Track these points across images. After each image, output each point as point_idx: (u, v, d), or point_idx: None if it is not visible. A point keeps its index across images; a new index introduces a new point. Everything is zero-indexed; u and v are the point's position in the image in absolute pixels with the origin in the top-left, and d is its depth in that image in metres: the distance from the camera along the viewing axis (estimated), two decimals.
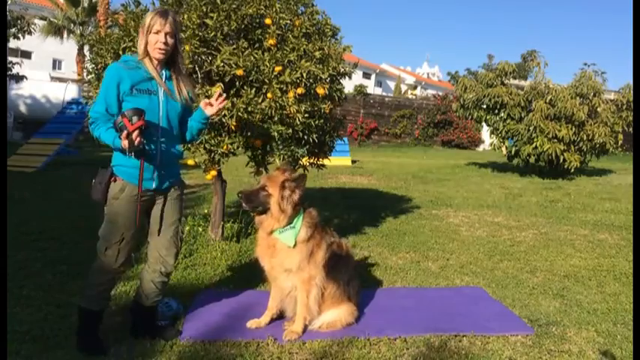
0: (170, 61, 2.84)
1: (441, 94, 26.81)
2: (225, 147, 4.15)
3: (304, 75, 4.10)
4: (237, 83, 4.16)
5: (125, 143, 2.53)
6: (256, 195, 3.03)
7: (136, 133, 2.52)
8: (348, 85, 10.20)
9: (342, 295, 3.25)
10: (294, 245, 3.04)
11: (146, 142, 2.67)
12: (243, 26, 4.25)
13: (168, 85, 2.83)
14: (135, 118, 2.53)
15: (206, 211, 5.70)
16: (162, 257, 2.92)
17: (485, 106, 13.02)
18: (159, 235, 2.91)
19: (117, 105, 2.69)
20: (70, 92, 18.58)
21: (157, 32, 2.72)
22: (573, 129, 11.80)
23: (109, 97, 2.68)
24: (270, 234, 3.08)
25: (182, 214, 3.05)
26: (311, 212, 3.18)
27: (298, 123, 4.13)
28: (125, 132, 2.51)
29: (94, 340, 2.84)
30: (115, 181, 2.73)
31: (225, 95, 2.93)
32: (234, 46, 4.13)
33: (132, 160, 2.69)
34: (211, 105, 2.88)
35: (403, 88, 38.05)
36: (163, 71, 2.83)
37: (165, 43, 2.74)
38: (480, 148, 24.20)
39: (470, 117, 13.50)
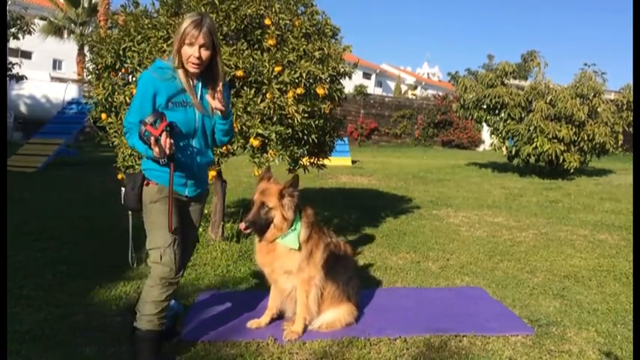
0: (206, 71, 2.64)
1: (441, 94, 26.80)
2: (224, 147, 4.15)
3: (304, 75, 4.10)
4: (237, 84, 4.16)
5: (156, 150, 2.42)
6: (258, 215, 2.97)
7: (163, 136, 2.41)
8: (348, 85, 10.20)
9: (341, 295, 3.24)
10: (299, 248, 3.04)
11: (182, 155, 2.60)
12: (242, 27, 4.26)
13: (201, 99, 2.67)
14: (157, 122, 2.41)
15: (206, 211, 5.70)
16: None
17: (485, 107, 13.02)
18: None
19: None
20: (70, 92, 18.59)
21: (191, 44, 2.52)
22: (573, 129, 11.80)
23: (144, 109, 2.53)
24: (273, 241, 3.07)
25: (200, 223, 3.01)
26: (307, 211, 3.17)
27: (297, 123, 4.13)
28: (153, 138, 2.40)
29: None
30: (147, 185, 2.62)
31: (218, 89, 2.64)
32: (234, 47, 4.14)
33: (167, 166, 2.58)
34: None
35: (403, 88, 38.03)
36: (198, 83, 2.66)
37: (199, 57, 2.54)
38: (480, 149, 24.21)
39: (470, 117, 13.51)
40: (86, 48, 20.77)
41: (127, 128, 2.62)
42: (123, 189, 2.67)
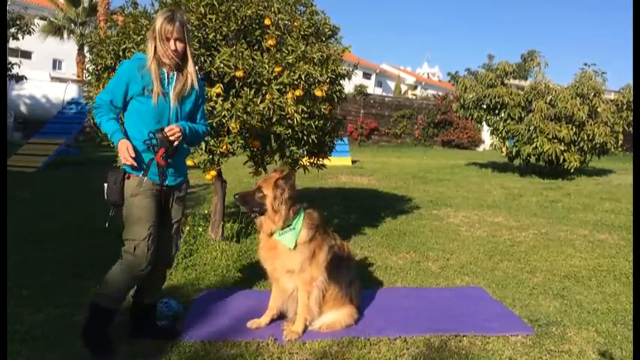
0: (180, 62, 2.82)
1: (441, 94, 26.80)
2: (225, 147, 4.15)
3: (302, 77, 4.10)
4: (237, 84, 4.16)
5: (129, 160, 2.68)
6: (252, 197, 3.06)
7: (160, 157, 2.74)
8: (348, 86, 10.19)
9: (343, 297, 3.25)
10: (295, 247, 3.05)
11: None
12: (242, 27, 4.26)
13: (176, 88, 2.81)
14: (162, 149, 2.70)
15: (206, 211, 5.70)
16: (163, 253, 2.93)
17: (485, 107, 13.02)
18: (161, 231, 2.89)
19: (122, 101, 2.77)
20: (70, 92, 18.57)
21: (167, 39, 2.72)
22: (574, 129, 11.80)
23: (116, 92, 2.75)
24: (271, 236, 3.09)
25: (184, 214, 3.07)
26: (312, 213, 3.18)
27: (297, 123, 4.13)
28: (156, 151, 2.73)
29: (105, 338, 2.83)
30: (129, 178, 2.75)
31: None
32: (234, 48, 4.14)
33: (145, 157, 2.75)
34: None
35: (403, 88, 38.00)
36: (173, 77, 2.81)
37: (176, 50, 2.74)
38: (480, 148, 24.20)
39: (470, 117, 13.51)
40: (86, 48, 20.73)
41: (98, 104, 2.79)
42: (105, 185, 2.76)
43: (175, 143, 2.76)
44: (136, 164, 2.68)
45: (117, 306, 2.87)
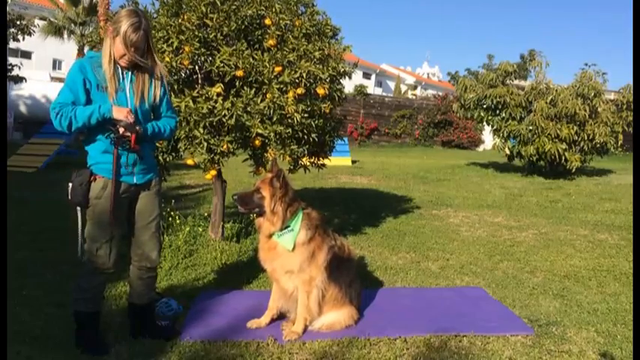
0: (136, 64, 2.73)
1: (441, 94, 26.80)
2: (225, 146, 4.14)
3: (304, 75, 4.10)
4: (237, 84, 4.16)
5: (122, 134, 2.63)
6: (251, 197, 3.05)
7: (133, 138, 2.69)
8: (348, 85, 10.19)
9: (343, 297, 3.25)
10: (293, 248, 3.04)
11: (121, 142, 2.69)
12: (243, 27, 4.26)
13: (130, 87, 2.74)
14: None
15: (206, 213, 5.70)
16: (146, 253, 2.93)
17: (485, 107, 13.00)
18: (140, 231, 2.89)
19: (85, 96, 2.64)
20: None
21: (126, 46, 2.63)
22: (575, 129, 11.79)
23: (75, 90, 2.62)
24: (270, 237, 3.08)
25: (162, 209, 3.05)
26: (310, 214, 3.18)
27: (297, 123, 4.13)
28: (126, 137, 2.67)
29: (97, 341, 2.84)
30: (95, 180, 2.71)
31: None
32: (234, 47, 4.14)
33: (111, 156, 2.68)
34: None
35: (403, 88, 37.99)
36: (128, 74, 2.74)
37: (131, 60, 2.68)
38: (480, 148, 24.19)
39: (471, 117, 13.49)
40: (86, 48, 20.72)
41: (58, 108, 2.61)
42: (70, 184, 2.71)
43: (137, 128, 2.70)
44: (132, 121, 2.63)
45: (97, 307, 2.88)
